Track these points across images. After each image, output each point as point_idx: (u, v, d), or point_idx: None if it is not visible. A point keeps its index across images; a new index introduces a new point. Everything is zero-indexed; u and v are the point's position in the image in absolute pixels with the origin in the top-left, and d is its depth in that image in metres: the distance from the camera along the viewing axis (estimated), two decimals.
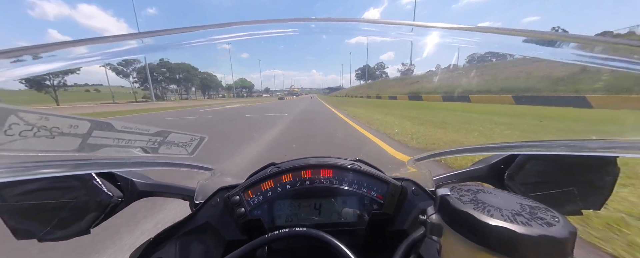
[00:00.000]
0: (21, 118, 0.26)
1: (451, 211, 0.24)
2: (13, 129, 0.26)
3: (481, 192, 0.27)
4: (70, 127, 0.30)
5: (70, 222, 0.41)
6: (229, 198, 0.47)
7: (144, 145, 0.39)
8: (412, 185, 0.52)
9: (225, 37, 0.36)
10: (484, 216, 0.22)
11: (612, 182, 0.43)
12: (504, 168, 0.50)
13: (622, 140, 0.36)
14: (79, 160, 0.34)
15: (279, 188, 0.48)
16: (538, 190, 0.46)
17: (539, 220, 0.21)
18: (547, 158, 0.46)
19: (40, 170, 0.30)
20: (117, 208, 0.47)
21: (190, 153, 0.45)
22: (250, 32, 0.37)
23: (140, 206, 1.91)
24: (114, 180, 0.47)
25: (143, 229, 1.78)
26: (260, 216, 0.46)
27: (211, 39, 0.36)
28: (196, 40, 0.36)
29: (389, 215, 0.47)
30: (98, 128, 0.33)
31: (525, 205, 0.24)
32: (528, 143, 0.46)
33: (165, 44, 0.35)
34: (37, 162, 0.31)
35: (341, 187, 0.49)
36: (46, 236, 0.40)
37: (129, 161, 0.40)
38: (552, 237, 0.19)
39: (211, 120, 10.04)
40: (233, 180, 0.57)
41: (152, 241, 0.46)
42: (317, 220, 0.48)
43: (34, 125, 0.27)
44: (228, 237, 0.46)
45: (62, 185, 0.40)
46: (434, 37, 0.38)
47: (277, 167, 0.54)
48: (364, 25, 0.40)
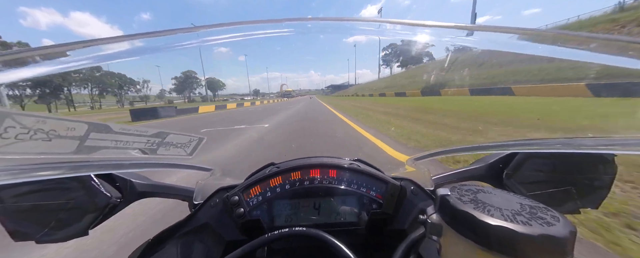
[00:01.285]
0: (17, 121, 0.26)
1: (451, 211, 0.24)
2: (9, 132, 0.26)
3: (481, 191, 0.27)
4: (68, 130, 0.30)
5: (68, 224, 0.41)
6: (228, 199, 0.47)
7: (143, 147, 0.39)
8: (411, 185, 0.52)
9: (221, 38, 0.36)
10: (484, 216, 0.22)
11: (609, 180, 0.43)
12: (503, 168, 0.51)
13: (620, 138, 0.37)
14: (77, 162, 0.34)
15: (278, 188, 0.48)
16: (536, 189, 0.47)
17: (539, 219, 0.21)
18: (546, 157, 0.46)
19: (38, 173, 0.30)
20: (116, 209, 0.46)
21: (189, 154, 0.45)
22: (245, 32, 0.37)
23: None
24: (112, 181, 0.47)
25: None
26: (260, 216, 0.46)
27: (205, 39, 0.36)
28: (190, 42, 0.35)
29: (388, 215, 0.47)
30: (95, 130, 0.32)
31: (525, 205, 0.24)
32: (526, 141, 0.46)
33: (159, 46, 0.35)
34: (35, 164, 0.31)
35: (340, 187, 0.49)
36: (44, 237, 0.40)
37: (127, 162, 0.40)
38: (552, 237, 0.19)
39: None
40: (232, 181, 0.57)
41: (151, 242, 0.45)
42: (316, 220, 0.48)
43: (31, 128, 0.27)
44: (227, 237, 0.46)
45: (60, 186, 0.39)
46: (428, 36, 0.38)
47: (276, 167, 0.54)
48: (362, 24, 0.40)
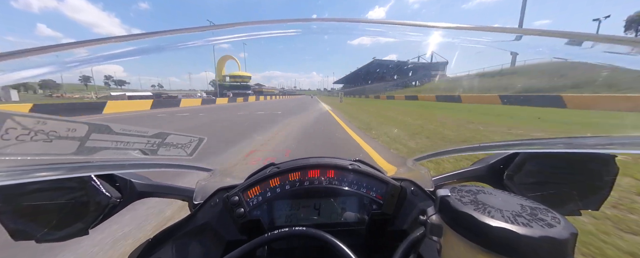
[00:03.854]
0: (18, 122, 0.26)
1: (452, 212, 0.24)
2: (10, 134, 0.26)
3: (481, 192, 0.27)
4: (68, 131, 0.30)
5: (68, 223, 0.41)
6: (228, 199, 0.47)
7: (143, 147, 0.39)
8: (411, 186, 0.52)
9: (223, 38, 0.36)
10: (485, 217, 0.22)
11: (610, 181, 0.43)
12: (503, 169, 0.51)
13: (620, 136, 0.36)
14: (77, 163, 0.34)
15: (278, 188, 0.48)
16: (537, 190, 0.47)
17: (540, 221, 0.21)
18: (546, 158, 0.46)
19: (39, 173, 0.30)
20: (116, 209, 0.46)
21: (189, 154, 0.45)
22: (251, 32, 0.37)
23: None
24: (112, 181, 0.47)
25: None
26: (260, 216, 0.46)
27: (209, 40, 0.36)
28: (193, 42, 0.35)
29: (388, 215, 0.47)
30: (96, 131, 0.32)
31: (525, 206, 0.24)
32: (527, 141, 0.46)
33: (164, 45, 0.35)
34: (36, 165, 0.31)
35: (341, 187, 0.49)
36: (44, 237, 0.40)
37: (127, 163, 0.40)
38: (552, 238, 0.19)
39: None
40: (232, 181, 0.57)
41: (151, 242, 0.46)
42: (316, 220, 0.48)
43: (31, 129, 0.27)
44: (228, 237, 0.46)
45: (60, 186, 0.39)
46: (438, 37, 0.38)
47: (277, 168, 0.54)
48: (367, 25, 0.40)
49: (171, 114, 12.49)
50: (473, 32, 0.36)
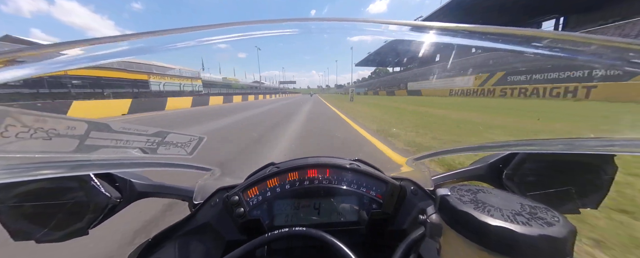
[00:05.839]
0: (18, 119, 0.26)
1: (451, 211, 0.24)
2: (9, 131, 0.26)
3: (481, 192, 0.27)
4: (68, 129, 0.30)
5: (68, 223, 0.41)
6: (228, 199, 0.47)
7: (143, 146, 0.39)
8: (411, 185, 0.52)
9: (219, 38, 0.36)
10: (485, 216, 0.22)
11: (609, 180, 0.43)
12: (503, 168, 0.51)
13: (620, 138, 0.37)
14: (77, 161, 0.34)
15: (278, 188, 0.48)
16: (536, 190, 0.47)
17: (539, 220, 0.21)
18: (546, 157, 0.46)
19: (38, 172, 0.30)
20: (115, 209, 0.46)
21: (189, 153, 0.45)
22: (249, 32, 0.37)
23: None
24: (112, 180, 0.47)
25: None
26: (260, 216, 0.46)
27: (204, 40, 0.36)
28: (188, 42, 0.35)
29: (388, 215, 0.47)
30: (95, 129, 0.32)
31: (525, 205, 0.24)
32: (526, 141, 0.46)
33: (159, 46, 0.34)
34: (35, 163, 0.31)
35: (340, 187, 0.49)
36: (44, 237, 0.40)
37: (127, 162, 0.40)
38: (552, 237, 0.19)
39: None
40: (232, 181, 0.57)
41: (150, 242, 0.45)
42: (316, 220, 0.48)
43: (31, 127, 0.27)
44: (227, 237, 0.46)
45: (60, 186, 0.39)
46: (434, 37, 0.38)
47: (276, 167, 0.54)
48: (366, 25, 0.40)
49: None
50: (466, 32, 0.36)
